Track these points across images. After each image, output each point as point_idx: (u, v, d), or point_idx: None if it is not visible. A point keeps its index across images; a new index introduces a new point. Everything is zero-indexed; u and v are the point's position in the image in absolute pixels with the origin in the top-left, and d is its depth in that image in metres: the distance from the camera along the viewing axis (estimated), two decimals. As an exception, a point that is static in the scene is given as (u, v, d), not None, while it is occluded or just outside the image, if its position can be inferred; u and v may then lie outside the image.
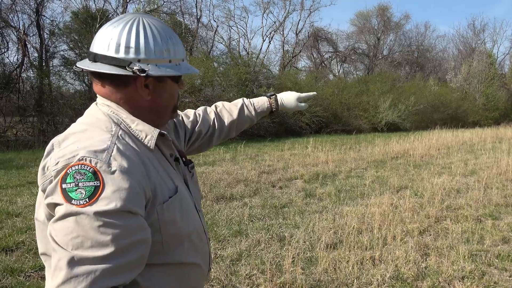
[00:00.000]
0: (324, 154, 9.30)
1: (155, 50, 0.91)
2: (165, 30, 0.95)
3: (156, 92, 0.96)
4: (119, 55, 0.89)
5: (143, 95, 0.94)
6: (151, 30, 0.92)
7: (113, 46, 0.89)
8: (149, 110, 0.97)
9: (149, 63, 0.90)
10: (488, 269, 3.29)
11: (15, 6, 14.34)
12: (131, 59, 0.89)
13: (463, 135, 15.09)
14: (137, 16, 0.94)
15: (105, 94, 0.96)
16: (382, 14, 34.86)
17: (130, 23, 0.92)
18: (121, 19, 0.94)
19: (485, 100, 29.17)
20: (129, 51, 0.89)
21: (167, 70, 0.93)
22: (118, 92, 0.93)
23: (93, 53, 0.91)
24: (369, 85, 23.34)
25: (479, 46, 36.68)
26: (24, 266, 3.12)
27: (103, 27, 0.94)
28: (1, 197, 5.30)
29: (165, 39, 0.94)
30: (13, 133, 12.98)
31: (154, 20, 0.95)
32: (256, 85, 16.77)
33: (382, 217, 4.43)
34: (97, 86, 0.97)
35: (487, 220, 4.58)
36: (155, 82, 0.94)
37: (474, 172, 7.67)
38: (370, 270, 3.17)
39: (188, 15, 23.18)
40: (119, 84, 0.92)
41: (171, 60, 0.95)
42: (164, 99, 0.99)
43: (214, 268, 3.14)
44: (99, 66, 0.90)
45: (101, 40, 0.91)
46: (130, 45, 0.89)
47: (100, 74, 0.92)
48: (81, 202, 0.75)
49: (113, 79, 0.92)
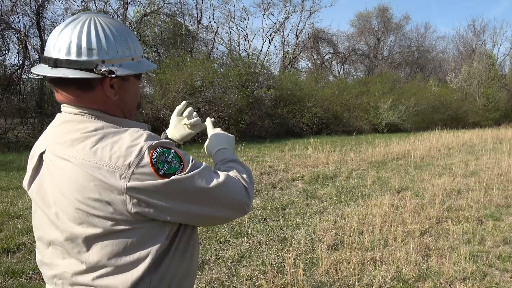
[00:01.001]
0: (325, 155, 9.30)
1: (118, 50, 0.90)
2: (121, 28, 0.93)
3: (121, 91, 0.95)
4: (81, 58, 0.86)
5: (110, 96, 0.93)
6: (110, 29, 0.90)
7: (74, 49, 0.86)
8: (117, 110, 0.96)
9: (113, 63, 0.89)
10: (490, 270, 3.29)
11: (16, 7, 14.36)
12: (95, 60, 0.87)
13: (463, 136, 15.10)
14: (90, 15, 0.91)
15: (72, 101, 0.92)
16: (382, 15, 34.89)
17: (87, 24, 0.88)
18: (75, 20, 0.90)
19: (486, 101, 29.14)
20: (92, 53, 0.87)
21: (132, 68, 0.93)
22: (85, 96, 0.91)
23: (53, 58, 0.87)
24: (369, 86, 23.34)
25: (479, 47, 36.68)
26: (25, 268, 3.13)
27: (57, 30, 0.89)
28: (2, 198, 5.31)
29: (124, 37, 0.92)
30: (13, 135, 12.97)
31: (108, 19, 0.93)
32: (256, 86, 16.78)
33: (383, 218, 4.44)
34: (61, 94, 0.93)
35: (488, 221, 4.58)
36: (119, 82, 0.93)
37: (475, 173, 7.67)
38: (371, 271, 3.17)
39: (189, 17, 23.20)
40: (85, 88, 0.90)
41: (133, 58, 0.94)
42: (129, 97, 0.98)
43: (215, 270, 3.14)
44: (62, 71, 0.86)
45: (59, 44, 0.87)
46: (92, 46, 0.87)
47: (64, 80, 0.88)
48: (179, 170, 0.87)
49: (79, 83, 0.89)
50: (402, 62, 35.49)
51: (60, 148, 0.89)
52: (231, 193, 0.95)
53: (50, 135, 0.95)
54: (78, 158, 0.86)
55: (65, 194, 0.87)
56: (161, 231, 0.90)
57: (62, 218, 0.89)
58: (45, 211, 0.93)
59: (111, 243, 0.87)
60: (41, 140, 0.98)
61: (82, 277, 0.89)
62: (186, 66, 14.77)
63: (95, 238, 0.87)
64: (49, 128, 0.97)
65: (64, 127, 0.92)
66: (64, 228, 0.89)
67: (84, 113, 0.92)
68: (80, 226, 0.86)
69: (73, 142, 0.88)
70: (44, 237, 0.95)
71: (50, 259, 0.95)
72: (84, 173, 0.84)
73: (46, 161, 0.93)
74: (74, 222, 0.87)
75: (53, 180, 0.90)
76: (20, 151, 10.57)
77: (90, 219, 0.85)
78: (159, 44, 20.35)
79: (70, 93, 0.91)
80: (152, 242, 0.89)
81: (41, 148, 0.95)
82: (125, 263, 0.88)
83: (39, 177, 0.95)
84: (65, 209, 0.87)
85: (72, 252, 0.89)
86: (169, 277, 0.93)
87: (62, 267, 0.92)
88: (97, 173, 0.83)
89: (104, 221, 0.85)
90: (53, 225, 0.92)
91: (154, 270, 0.90)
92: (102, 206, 0.84)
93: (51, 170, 0.90)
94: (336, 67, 35.48)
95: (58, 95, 0.94)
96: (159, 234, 0.90)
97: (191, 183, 0.88)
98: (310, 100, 18.19)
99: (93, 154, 0.85)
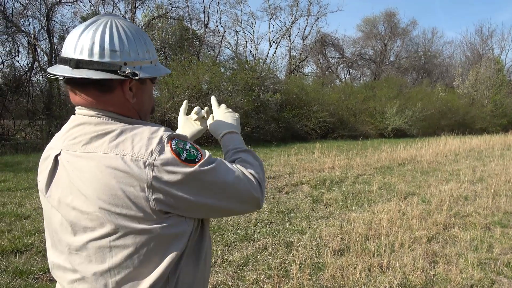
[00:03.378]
0: (331, 159, 9.28)
1: (139, 52, 0.90)
2: (139, 31, 0.94)
3: (139, 94, 0.95)
4: (104, 59, 0.86)
5: (129, 98, 0.93)
6: (130, 32, 0.90)
7: (97, 50, 0.86)
8: (134, 113, 0.96)
9: (134, 66, 0.89)
10: (498, 277, 3.25)
11: (26, 11, 14.57)
12: (118, 62, 0.87)
13: (470, 141, 14.98)
14: (109, 17, 0.91)
15: (89, 103, 0.91)
16: (389, 20, 34.83)
17: (109, 26, 0.88)
18: (95, 22, 0.90)
19: (493, 107, 28.92)
20: (115, 55, 0.87)
21: (151, 71, 0.93)
22: (104, 98, 0.91)
23: (75, 59, 0.86)
24: (375, 91, 23.28)
25: (487, 53, 36.47)
26: (33, 268, 3.15)
27: (77, 31, 0.89)
28: (10, 199, 5.36)
29: (144, 40, 0.93)
30: (22, 136, 13.11)
31: (126, 22, 0.93)
32: (262, 90, 16.81)
33: (390, 223, 4.41)
34: (78, 96, 0.92)
35: (496, 228, 4.54)
36: (137, 84, 0.93)
37: (482, 179, 7.61)
38: (377, 277, 3.15)
39: (196, 21, 23.35)
40: (105, 90, 0.90)
41: (152, 61, 0.95)
42: (146, 100, 0.99)
43: (221, 273, 3.15)
44: (85, 72, 0.86)
45: (80, 45, 0.86)
46: (115, 48, 0.87)
47: (83, 82, 0.88)
48: (198, 157, 0.88)
49: (99, 85, 0.89)
50: (408, 67, 35.38)
51: (77, 148, 0.89)
52: (247, 188, 0.96)
53: (65, 136, 0.94)
54: (98, 154, 0.85)
55: (86, 194, 0.85)
56: (180, 232, 0.90)
57: (83, 219, 0.87)
58: (63, 214, 0.91)
59: (134, 243, 0.86)
60: (55, 142, 0.96)
61: (104, 279, 0.87)
62: (192, 69, 14.83)
63: (117, 238, 0.86)
64: (63, 130, 0.96)
65: (81, 128, 0.91)
66: (85, 230, 0.88)
67: (101, 115, 0.91)
68: (102, 227, 0.85)
69: (91, 140, 0.88)
70: (63, 240, 0.92)
71: (69, 263, 0.92)
72: (105, 170, 0.84)
73: (62, 163, 0.91)
74: (96, 222, 0.86)
75: (72, 181, 0.88)
76: (28, 152, 10.67)
77: (113, 218, 0.84)
78: (166, 47, 20.47)
79: (88, 95, 0.91)
80: (171, 244, 0.89)
81: (55, 150, 0.94)
82: (145, 264, 0.87)
83: (55, 179, 0.93)
84: (87, 210, 0.86)
85: (94, 254, 0.88)
86: (186, 281, 0.93)
87: (83, 271, 0.89)
88: (120, 164, 0.83)
89: (127, 220, 0.84)
90: (72, 228, 0.89)
91: (173, 273, 0.90)
92: (125, 204, 0.83)
93: (69, 171, 0.89)
94: (342, 71, 35.49)
95: (74, 96, 0.93)
96: (178, 236, 0.90)
97: (210, 175, 0.89)
98: (316, 105, 18.17)
99: (114, 147, 0.85)
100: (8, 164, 8.46)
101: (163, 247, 0.88)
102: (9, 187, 6.11)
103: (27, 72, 14.44)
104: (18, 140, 12.24)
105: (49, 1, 15.04)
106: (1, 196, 5.52)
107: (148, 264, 0.87)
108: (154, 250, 0.87)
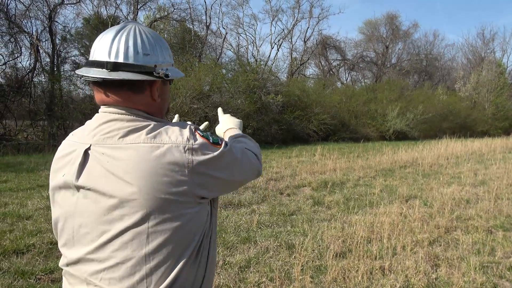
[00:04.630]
0: (332, 161, 9.28)
1: (165, 55, 1.00)
2: (160, 37, 1.02)
3: (162, 94, 1.03)
4: (139, 62, 0.94)
5: (156, 98, 1.01)
6: (155, 37, 0.99)
7: (132, 54, 0.94)
8: (158, 111, 1.04)
9: (162, 68, 0.98)
10: (500, 281, 3.24)
11: (29, 12, 14.61)
12: (151, 64, 0.95)
13: (472, 144, 14.95)
14: (134, 24, 0.99)
15: (119, 103, 0.97)
16: (390, 22, 34.87)
17: (138, 32, 0.97)
18: (124, 27, 0.97)
19: (495, 110, 28.89)
20: (147, 58, 0.95)
21: (175, 73, 1.02)
22: (134, 98, 0.97)
23: (112, 62, 0.93)
24: (377, 93, 23.30)
25: (488, 56, 36.44)
26: (34, 269, 3.15)
27: (108, 36, 0.95)
28: (12, 200, 5.36)
29: (165, 45, 1.02)
30: (23, 137, 13.14)
31: (148, 28, 1.01)
32: (264, 92, 16.82)
33: (391, 226, 4.41)
34: (108, 96, 0.97)
35: (498, 231, 4.53)
36: (161, 85, 1.01)
37: (484, 182, 7.59)
38: (379, 280, 3.14)
39: (198, 22, 23.41)
40: (136, 90, 0.97)
41: (172, 64, 1.04)
42: (166, 99, 1.07)
43: (223, 275, 3.14)
44: (124, 74, 0.93)
45: (115, 49, 0.93)
46: (147, 52, 0.95)
47: (116, 83, 0.94)
48: (220, 141, 0.99)
49: (132, 86, 0.96)
50: (410, 69, 35.38)
51: (113, 141, 0.92)
52: (251, 161, 1.11)
53: (94, 132, 0.96)
54: (138, 144, 0.90)
55: (129, 181, 0.88)
56: (203, 219, 0.97)
57: (123, 206, 0.89)
58: (99, 203, 0.91)
59: (171, 228, 0.90)
60: (80, 137, 0.98)
61: (139, 265, 0.89)
62: (194, 71, 14.86)
63: (156, 224, 0.89)
64: (90, 127, 0.98)
65: (113, 124, 0.95)
66: (122, 218, 0.89)
67: (131, 113, 0.97)
68: (142, 213, 0.88)
69: (128, 133, 0.92)
70: (93, 231, 0.92)
71: (97, 254, 0.92)
72: (147, 157, 0.88)
73: (94, 156, 0.93)
74: (136, 209, 0.88)
75: (110, 171, 0.90)
76: (30, 153, 10.70)
77: (154, 203, 0.88)
78: (168, 49, 20.50)
79: (120, 95, 0.97)
80: (197, 230, 0.96)
81: (83, 145, 0.95)
82: (176, 249, 0.92)
83: (86, 172, 0.93)
84: (128, 197, 0.88)
85: (131, 241, 0.89)
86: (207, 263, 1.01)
87: (117, 258, 0.90)
88: (162, 151, 0.89)
89: (167, 205, 0.89)
90: (108, 217, 0.90)
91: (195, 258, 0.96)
92: (167, 189, 0.88)
93: (105, 162, 0.91)
94: (344, 74, 35.50)
95: (102, 96, 0.98)
96: (202, 223, 0.97)
97: (231, 154, 1.01)
98: (317, 107, 18.18)
99: (152, 137, 0.91)
100: (9, 165, 8.47)
101: (191, 232, 0.93)
102: (11, 187, 6.12)
103: (29, 72, 14.47)
104: (20, 140, 12.26)
105: (51, 2, 15.10)
106: (2, 197, 5.52)
107: (178, 249, 0.92)
108: (185, 235, 0.92)
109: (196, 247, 0.96)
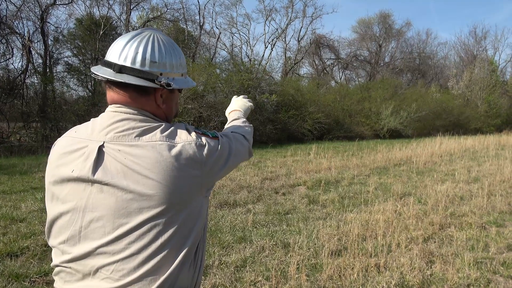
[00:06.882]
0: (327, 160, 9.31)
1: (174, 66, 1.06)
2: (175, 46, 1.09)
3: (167, 101, 1.09)
4: (145, 68, 1.00)
5: (159, 104, 1.07)
6: (169, 47, 1.05)
7: (139, 60, 1.00)
8: (163, 116, 1.10)
9: (168, 77, 1.04)
10: (494, 276, 3.28)
11: (20, 13, 14.49)
12: (156, 72, 1.01)
13: (465, 142, 15.08)
14: (152, 32, 1.06)
15: (127, 102, 1.04)
16: (383, 21, 35.02)
17: (152, 39, 1.03)
18: (140, 34, 1.04)
19: (487, 107, 29.16)
20: (154, 65, 1.01)
21: (181, 83, 1.08)
22: (141, 99, 1.04)
23: (119, 64, 1.00)
24: (371, 92, 23.38)
25: (480, 53, 36.76)
26: (29, 272, 3.13)
27: (123, 40, 1.02)
28: (5, 202, 5.32)
29: (179, 55, 1.08)
30: (16, 139, 13.03)
31: (165, 37, 1.08)
32: (258, 91, 16.82)
33: (386, 224, 4.43)
34: (117, 94, 1.04)
35: (491, 227, 4.57)
36: (167, 93, 1.08)
37: (478, 179, 7.66)
38: (375, 277, 3.16)
39: (191, 22, 23.36)
40: (142, 92, 1.03)
41: (182, 74, 1.10)
42: (172, 106, 1.13)
43: (219, 275, 3.14)
44: (127, 77, 0.99)
45: (125, 53, 1.00)
46: (155, 60, 1.01)
47: (125, 84, 1.01)
48: (216, 134, 1.11)
49: (138, 88, 1.02)
50: (403, 68, 35.57)
51: (129, 139, 0.98)
52: (242, 143, 1.24)
53: (107, 130, 1.00)
54: (155, 142, 0.97)
55: (148, 176, 0.94)
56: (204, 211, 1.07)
57: (141, 200, 0.94)
58: (117, 197, 0.94)
59: (182, 219, 0.98)
60: (88, 134, 1.01)
61: (154, 255, 0.95)
62: (188, 71, 14.81)
63: (172, 216, 0.96)
64: (99, 124, 1.02)
65: (127, 123, 1.00)
66: (141, 211, 0.94)
67: (142, 114, 1.03)
68: (160, 206, 0.94)
69: (144, 132, 0.99)
70: (109, 223, 0.95)
71: (109, 247, 0.94)
72: (165, 154, 0.96)
73: (110, 152, 0.97)
74: (155, 202, 0.94)
75: (128, 167, 0.95)
76: (23, 155, 10.61)
77: (172, 196, 0.95)
78: (161, 49, 20.43)
79: (127, 95, 1.03)
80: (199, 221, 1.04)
81: (96, 142, 0.99)
82: (183, 238, 0.99)
83: (102, 168, 0.96)
84: (147, 191, 0.94)
85: (147, 233, 0.94)
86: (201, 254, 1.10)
87: (132, 250, 0.94)
88: (178, 149, 0.97)
89: (184, 196, 0.97)
90: (126, 210, 0.94)
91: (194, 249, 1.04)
92: (184, 182, 0.97)
93: (123, 158, 0.96)
94: (338, 73, 35.60)
95: (113, 94, 1.04)
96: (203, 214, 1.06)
97: (228, 143, 1.13)
98: (311, 106, 18.21)
99: (167, 136, 0.99)
100: (2, 167, 8.40)
101: (197, 223, 1.02)
102: (4, 190, 6.06)
103: (22, 74, 14.35)
104: (13, 142, 12.17)
105: (43, 3, 14.98)
106: (-5, 199, 5.47)
107: (186, 237, 1.00)
108: (192, 225, 1.01)
109: (199, 235, 1.04)
